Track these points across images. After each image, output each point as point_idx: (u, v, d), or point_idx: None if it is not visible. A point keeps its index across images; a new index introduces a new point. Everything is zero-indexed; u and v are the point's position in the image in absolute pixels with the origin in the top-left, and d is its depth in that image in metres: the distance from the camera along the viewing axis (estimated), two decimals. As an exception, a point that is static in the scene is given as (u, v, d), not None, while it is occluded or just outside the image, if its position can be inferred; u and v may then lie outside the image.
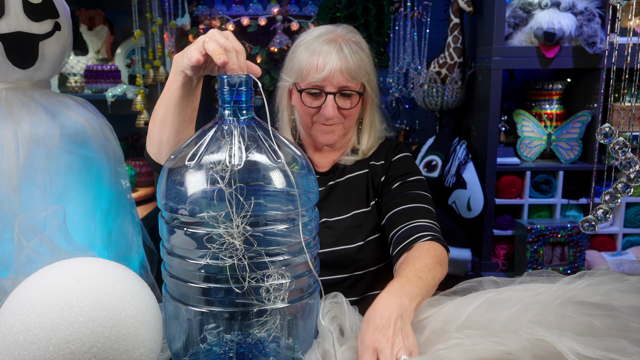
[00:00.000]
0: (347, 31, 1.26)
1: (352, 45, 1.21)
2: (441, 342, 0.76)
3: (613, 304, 0.74)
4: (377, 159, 1.31)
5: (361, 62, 1.21)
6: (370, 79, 1.26)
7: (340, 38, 1.22)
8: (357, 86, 1.23)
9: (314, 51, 1.20)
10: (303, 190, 0.79)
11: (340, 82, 1.20)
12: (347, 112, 1.23)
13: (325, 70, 1.18)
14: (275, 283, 0.76)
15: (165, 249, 0.80)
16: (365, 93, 1.27)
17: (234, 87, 0.77)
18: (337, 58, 1.18)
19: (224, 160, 0.75)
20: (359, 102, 1.24)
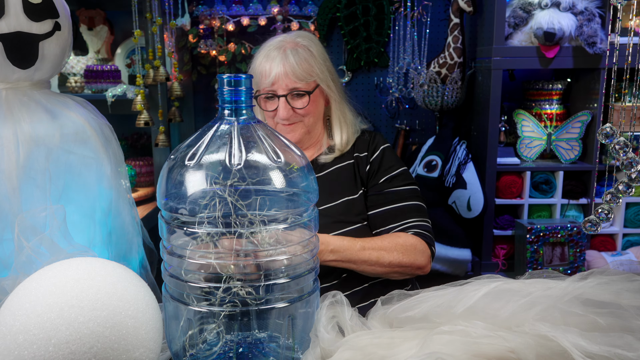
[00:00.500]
0: (297, 36, 1.37)
1: (298, 49, 1.31)
2: (445, 323, 0.76)
3: (621, 304, 0.74)
4: (360, 150, 1.38)
5: (307, 64, 1.31)
6: (325, 77, 1.34)
7: (288, 44, 1.32)
8: (307, 86, 1.32)
9: (262, 59, 1.33)
10: (303, 190, 0.79)
11: (289, 84, 1.30)
12: (302, 111, 1.33)
13: (271, 76, 1.29)
14: (275, 283, 0.76)
15: (165, 248, 0.80)
16: (319, 92, 1.35)
17: (234, 86, 0.77)
18: (281, 63, 1.29)
19: (223, 160, 0.75)
20: (309, 102, 1.32)
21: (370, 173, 1.35)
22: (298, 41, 1.34)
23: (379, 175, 1.35)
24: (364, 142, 1.39)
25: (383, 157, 1.36)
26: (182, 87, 2.31)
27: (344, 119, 1.40)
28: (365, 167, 1.36)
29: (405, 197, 1.32)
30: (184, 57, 2.53)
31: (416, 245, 1.24)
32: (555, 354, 0.68)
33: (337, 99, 1.38)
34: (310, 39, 1.37)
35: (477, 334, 0.72)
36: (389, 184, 1.33)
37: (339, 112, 1.40)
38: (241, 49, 2.49)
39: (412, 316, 0.81)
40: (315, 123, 1.38)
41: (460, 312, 0.77)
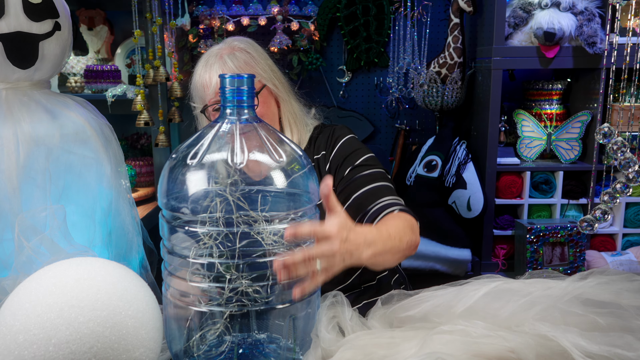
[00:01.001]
0: (232, 41, 1.31)
1: (236, 52, 1.26)
2: (445, 322, 0.76)
3: (621, 303, 0.74)
4: (318, 150, 1.33)
5: (246, 65, 1.25)
6: (269, 76, 1.28)
7: (224, 50, 1.27)
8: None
9: (201, 70, 1.26)
10: (304, 190, 0.79)
11: None
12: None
13: (212, 85, 1.23)
14: (275, 283, 0.76)
15: (165, 248, 0.80)
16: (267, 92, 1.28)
17: (235, 86, 0.78)
18: (219, 69, 1.23)
19: (225, 159, 0.75)
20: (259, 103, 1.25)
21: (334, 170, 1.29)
22: (235, 45, 1.29)
23: (343, 168, 1.28)
24: (322, 141, 1.33)
25: (343, 149, 1.30)
26: (182, 87, 2.31)
27: (293, 119, 1.34)
28: (326, 166, 1.30)
29: (373, 179, 1.25)
30: (184, 57, 2.53)
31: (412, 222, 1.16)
32: (555, 353, 0.68)
33: (285, 97, 1.32)
34: (247, 42, 1.32)
35: (477, 334, 0.72)
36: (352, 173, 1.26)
37: (288, 113, 1.33)
38: (241, 49, 2.49)
39: (412, 316, 0.81)
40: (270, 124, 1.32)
41: (460, 311, 0.77)
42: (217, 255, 0.74)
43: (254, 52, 1.29)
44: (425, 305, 0.82)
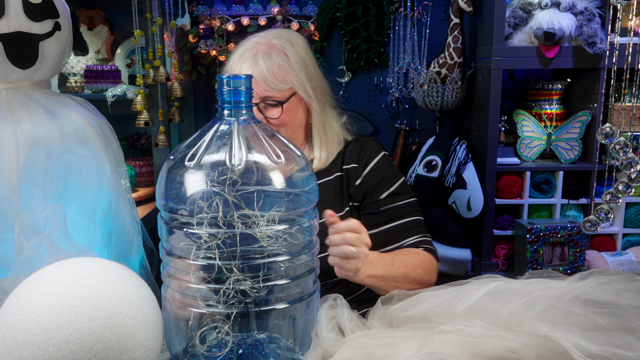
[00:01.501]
0: (273, 37, 1.22)
1: (271, 52, 1.18)
2: (445, 322, 0.76)
3: (621, 303, 0.74)
4: (349, 161, 1.26)
5: (279, 70, 1.17)
6: (302, 84, 1.20)
7: (261, 46, 1.19)
8: (281, 94, 1.19)
9: (236, 60, 1.20)
10: (303, 191, 0.79)
11: (260, 92, 1.17)
12: (276, 122, 1.19)
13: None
14: (275, 283, 0.76)
15: (164, 249, 0.80)
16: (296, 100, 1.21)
17: (233, 87, 0.77)
18: (249, 69, 1.16)
19: (223, 160, 0.75)
20: (283, 111, 1.19)
21: (365, 188, 1.24)
22: (273, 43, 1.20)
23: (377, 191, 1.23)
24: (353, 152, 1.27)
25: (379, 170, 1.25)
26: (182, 87, 2.31)
27: (324, 132, 1.25)
28: (356, 181, 1.24)
29: (405, 212, 1.23)
30: (184, 57, 2.53)
31: (433, 263, 1.18)
32: (555, 353, 0.68)
33: (317, 108, 1.24)
34: (289, 39, 1.22)
35: (477, 334, 0.72)
36: (387, 201, 1.23)
37: (319, 124, 1.25)
38: (241, 49, 2.49)
39: (412, 315, 0.81)
40: (294, 133, 1.24)
41: (460, 311, 0.77)
42: (216, 256, 0.74)
43: (293, 54, 1.20)
44: (425, 305, 0.82)
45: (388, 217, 1.23)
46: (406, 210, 1.25)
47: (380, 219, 1.23)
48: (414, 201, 1.27)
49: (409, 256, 1.16)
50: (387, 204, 1.24)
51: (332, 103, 1.29)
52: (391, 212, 1.24)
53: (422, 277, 1.14)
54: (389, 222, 1.23)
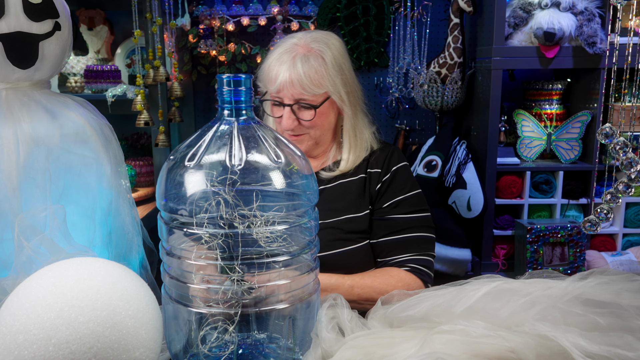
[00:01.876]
0: (312, 40, 1.23)
1: (310, 56, 1.19)
2: (445, 322, 0.76)
3: (621, 304, 0.74)
4: (373, 166, 1.28)
5: (315, 74, 1.18)
6: (337, 89, 1.22)
7: (300, 49, 1.20)
8: (315, 98, 1.21)
9: (273, 61, 1.21)
10: (303, 191, 0.79)
11: (295, 94, 1.20)
12: (308, 124, 1.22)
13: (276, 83, 1.19)
14: (275, 283, 0.76)
15: (164, 249, 0.80)
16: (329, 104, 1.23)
17: (233, 87, 0.77)
18: (287, 71, 1.18)
19: (223, 160, 0.75)
20: (316, 114, 1.21)
21: (379, 194, 1.26)
22: (312, 47, 1.21)
23: (385, 198, 1.24)
24: (379, 158, 1.29)
25: (394, 178, 1.26)
26: (182, 87, 2.31)
27: (354, 136, 1.28)
28: (376, 186, 1.26)
29: (409, 226, 1.23)
30: (184, 57, 2.53)
31: (410, 284, 1.17)
32: (555, 353, 0.68)
33: (350, 113, 1.26)
34: (327, 43, 1.24)
35: (477, 334, 0.72)
36: (393, 210, 1.23)
37: (350, 129, 1.28)
38: (241, 49, 2.49)
39: (412, 315, 0.81)
40: (323, 135, 1.28)
41: (460, 311, 0.77)
42: (215, 257, 0.74)
43: (330, 58, 1.21)
44: (425, 305, 0.82)
45: (392, 228, 1.23)
46: (412, 225, 1.23)
47: (384, 229, 1.24)
48: (425, 217, 1.25)
49: (378, 279, 1.17)
50: (393, 213, 1.24)
51: (364, 109, 1.32)
52: (393, 223, 1.23)
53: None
54: (391, 234, 1.23)
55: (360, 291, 1.15)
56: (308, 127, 1.24)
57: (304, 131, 1.25)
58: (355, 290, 1.14)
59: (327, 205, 1.25)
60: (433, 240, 1.26)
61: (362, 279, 1.16)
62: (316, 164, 1.32)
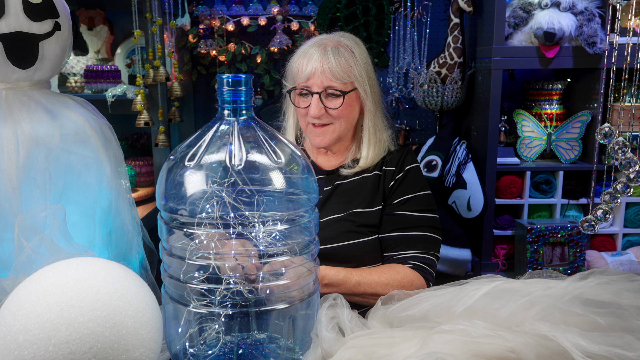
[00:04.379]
0: (339, 36, 1.31)
1: (339, 48, 1.26)
2: (445, 322, 0.76)
3: (621, 303, 0.74)
4: (389, 164, 1.33)
5: (346, 64, 1.24)
6: (363, 82, 1.27)
7: (330, 42, 1.27)
8: (344, 87, 1.26)
9: (302, 55, 1.27)
10: (303, 191, 0.79)
11: (324, 82, 1.24)
12: (335, 113, 1.26)
13: (307, 70, 1.24)
14: (275, 284, 0.76)
15: (164, 249, 0.80)
16: (355, 95, 1.28)
17: (233, 87, 0.77)
18: (318, 59, 1.24)
19: (223, 161, 0.75)
20: (343, 103, 1.26)
21: (391, 191, 1.30)
22: (341, 40, 1.29)
23: (395, 195, 1.29)
24: (394, 157, 1.33)
25: (406, 177, 1.30)
26: (182, 87, 2.31)
27: (373, 133, 1.32)
28: (390, 183, 1.30)
29: (416, 225, 1.27)
30: (184, 57, 2.53)
31: (413, 281, 1.21)
32: (555, 353, 0.68)
33: (371, 108, 1.30)
34: (354, 40, 1.32)
35: (477, 334, 0.72)
36: (402, 207, 1.28)
37: (370, 125, 1.32)
38: (241, 49, 2.49)
39: (412, 315, 0.81)
40: (347, 129, 1.31)
41: (460, 311, 0.77)
42: (215, 257, 0.74)
43: (358, 53, 1.28)
44: (425, 305, 0.82)
45: (399, 224, 1.27)
46: (419, 223, 1.27)
47: (392, 224, 1.27)
48: (432, 217, 1.29)
49: (385, 274, 1.20)
50: (402, 210, 1.28)
51: (383, 109, 1.37)
52: (402, 219, 1.27)
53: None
54: (399, 230, 1.27)
55: (367, 287, 1.17)
56: (334, 117, 1.27)
57: (330, 120, 1.28)
58: (361, 287, 1.17)
59: (342, 198, 1.30)
60: (438, 242, 1.30)
61: (370, 275, 1.19)
62: (335, 162, 1.36)
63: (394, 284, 1.19)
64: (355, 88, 1.27)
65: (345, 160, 1.35)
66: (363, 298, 1.18)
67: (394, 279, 1.19)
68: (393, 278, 1.19)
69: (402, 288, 1.18)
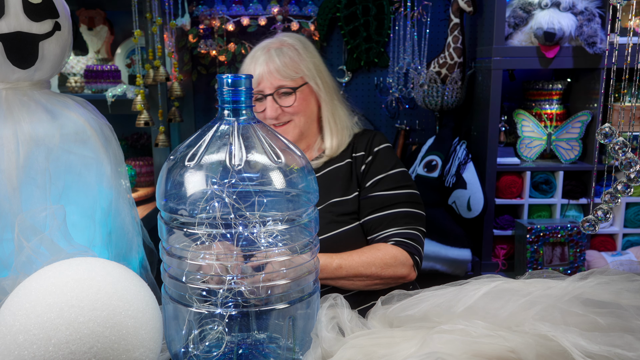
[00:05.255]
0: (282, 37, 1.35)
1: (283, 48, 1.31)
2: (445, 322, 0.76)
3: (621, 303, 0.74)
4: (358, 150, 1.35)
5: (290, 61, 1.29)
6: (312, 75, 1.32)
7: (273, 44, 1.32)
8: (294, 83, 1.30)
9: (249, 62, 1.32)
10: (303, 191, 0.79)
11: (274, 82, 1.29)
12: (290, 109, 1.31)
13: (255, 76, 1.28)
14: (275, 284, 0.76)
15: (164, 249, 0.80)
16: (307, 89, 1.32)
17: (233, 87, 0.77)
18: (264, 62, 1.29)
19: (223, 160, 0.75)
20: (297, 99, 1.29)
21: (363, 175, 1.32)
22: (284, 40, 1.33)
23: (367, 178, 1.31)
24: (362, 142, 1.36)
25: (375, 158, 1.32)
26: (182, 87, 2.31)
27: (334, 122, 1.36)
28: (361, 167, 1.33)
29: (393, 202, 1.28)
30: (184, 57, 2.53)
31: (397, 256, 1.21)
32: (555, 353, 0.68)
33: (326, 99, 1.35)
34: (297, 38, 1.36)
35: (477, 334, 0.72)
36: (375, 187, 1.29)
37: (328, 114, 1.36)
38: (241, 49, 2.49)
39: (412, 315, 0.81)
40: (307, 124, 1.35)
41: (460, 311, 0.77)
42: (215, 257, 0.74)
43: (302, 49, 1.33)
44: (425, 305, 0.82)
45: (375, 205, 1.28)
46: (396, 200, 1.28)
47: (368, 207, 1.29)
48: (410, 193, 1.30)
49: (365, 254, 1.20)
50: (375, 191, 1.29)
51: (341, 98, 1.40)
52: (378, 200, 1.28)
53: (379, 273, 1.19)
54: (376, 211, 1.28)
55: (349, 269, 1.18)
56: (292, 114, 1.31)
57: (288, 118, 1.32)
58: (343, 269, 1.18)
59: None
60: (420, 216, 1.29)
61: (350, 257, 1.20)
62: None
63: (375, 262, 1.19)
64: (306, 82, 1.31)
65: (312, 155, 1.38)
66: (348, 281, 1.19)
67: (375, 256, 1.20)
68: (374, 256, 1.20)
69: (385, 265, 1.19)
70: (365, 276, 1.19)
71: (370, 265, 1.19)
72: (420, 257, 1.26)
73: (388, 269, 1.20)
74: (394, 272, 1.21)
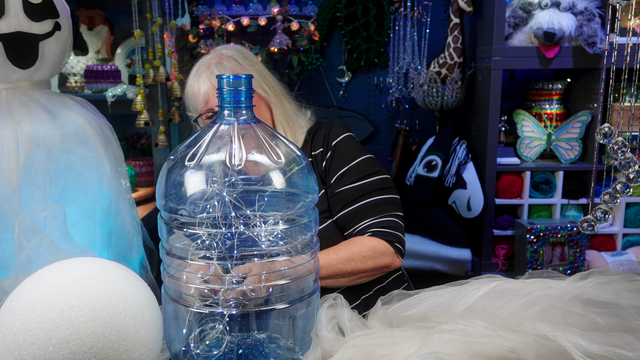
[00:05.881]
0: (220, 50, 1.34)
1: (222, 61, 1.29)
2: (445, 322, 0.75)
3: (621, 303, 0.74)
4: (316, 147, 1.32)
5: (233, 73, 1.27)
6: (257, 82, 1.30)
7: (212, 60, 1.30)
8: None
9: (192, 82, 1.30)
10: (303, 191, 0.79)
11: None
12: None
13: (201, 94, 1.26)
14: (275, 283, 0.76)
15: (164, 249, 0.80)
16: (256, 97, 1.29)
17: (233, 87, 0.77)
18: (206, 79, 1.26)
19: (223, 160, 0.75)
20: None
21: (326, 172, 1.29)
22: (222, 53, 1.31)
23: (330, 174, 1.28)
24: (320, 138, 1.33)
25: (334, 152, 1.29)
26: (182, 87, 2.31)
27: (287, 124, 1.34)
28: (322, 164, 1.30)
29: (361, 194, 1.25)
30: (184, 57, 2.53)
31: (375, 247, 1.19)
32: (555, 353, 0.68)
33: (276, 102, 1.33)
34: (235, 49, 1.35)
35: (477, 334, 0.72)
36: (340, 182, 1.26)
37: (281, 117, 1.34)
38: (241, 49, 2.50)
39: (412, 315, 0.81)
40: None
41: (460, 311, 0.77)
42: (216, 257, 0.74)
43: (242, 59, 1.31)
44: (425, 305, 0.82)
45: (345, 200, 1.25)
46: (364, 192, 1.25)
47: (338, 203, 1.26)
48: (378, 180, 1.26)
49: (342, 251, 1.18)
50: (341, 185, 1.26)
51: (290, 98, 1.37)
52: (346, 194, 1.25)
53: (360, 267, 1.17)
54: (346, 206, 1.25)
55: (329, 269, 1.15)
56: None
57: None
58: (323, 270, 1.15)
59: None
60: (393, 201, 1.26)
61: (327, 256, 1.17)
62: None
63: (354, 257, 1.17)
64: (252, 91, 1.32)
65: None
66: (331, 279, 1.17)
67: (353, 251, 1.18)
68: (351, 251, 1.18)
69: (364, 258, 1.18)
70: (347, 273, 1.17)
71: (349, 261, 1.17)
72: (401, 242, 1.24)
73: (368, 262, 1.19)
74: (375, 264, 1.19)
